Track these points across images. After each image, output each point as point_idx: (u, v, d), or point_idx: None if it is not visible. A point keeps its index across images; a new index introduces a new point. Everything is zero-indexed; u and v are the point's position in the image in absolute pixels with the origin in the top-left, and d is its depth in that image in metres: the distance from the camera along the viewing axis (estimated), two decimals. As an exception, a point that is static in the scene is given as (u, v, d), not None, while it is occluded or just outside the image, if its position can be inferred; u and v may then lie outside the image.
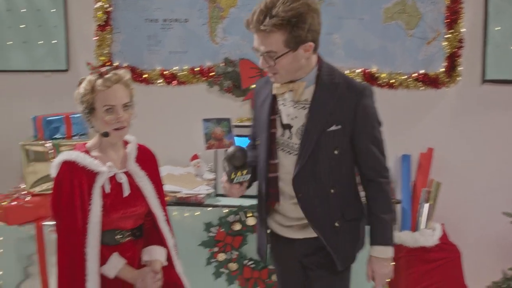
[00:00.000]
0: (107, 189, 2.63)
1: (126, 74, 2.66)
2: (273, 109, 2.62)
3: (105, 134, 2.63)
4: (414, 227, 4.10)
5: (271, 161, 2.61)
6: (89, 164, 2.60)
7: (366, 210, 2.65)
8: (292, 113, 2.58)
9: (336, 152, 2.53)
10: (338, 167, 2.56)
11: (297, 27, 2.36)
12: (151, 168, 2.84)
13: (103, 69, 2.60)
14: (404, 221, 4.11)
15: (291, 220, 2.67)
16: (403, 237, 3.96)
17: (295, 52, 2.43)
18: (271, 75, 2.54)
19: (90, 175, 2.59)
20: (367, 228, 2.68)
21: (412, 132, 4.31)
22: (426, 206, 4.11)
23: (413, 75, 4.18)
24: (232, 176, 2.62)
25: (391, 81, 4.19)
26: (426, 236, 3.99)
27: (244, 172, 2.63)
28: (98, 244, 2.57)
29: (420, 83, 4.19)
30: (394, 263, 2.65)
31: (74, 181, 2.56)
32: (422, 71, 4.19)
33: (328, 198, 2.57)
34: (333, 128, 2.51)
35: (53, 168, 2.64)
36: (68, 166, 2.58)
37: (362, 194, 2.68)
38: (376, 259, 2.59)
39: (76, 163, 2.58)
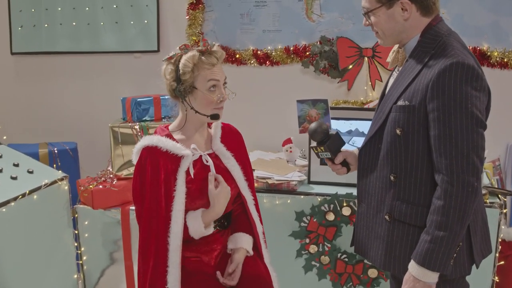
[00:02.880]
0: (192, 173, 2.47)
1: (223, 51, 2.55)
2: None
3: (216, 117, 2.50)
4: (525, 223, 3.80)
5: None
6: (171, 148, 2.45)
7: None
8: (391, 82, 2.38)
9: (398, 132, 2.20)
10: (400, 152, 2.22)
11: None
12: (238, 148, 2.70)
13: (202, 46, 2.46)
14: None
15: None
16: (512, 233, 3.63)
17: (390, 9, 2.23)
18: (376, 35, 2.36)
19: (174, 160, 2.45)
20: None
21: (525, 118, 3.98)
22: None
23: (530, 53, 3.85)
24: (314, 151, 2.56)
25: (504, 60, 3.86)
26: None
27: (322, 149, 2.51)
28: (181, 233, 2.42)
29: (537, 62, 3.86)
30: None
31: (157, 167, 2.43)
32: (539, 49, 3.85)
33: (386, 184, 2.28)
34: (400, 103, 2.21)
35: (134, 154, 2.52)
36: (150, 152, 2.44)
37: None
38: (408, 272, 2.19)
39: (158, 148, 2.44)
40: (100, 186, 3.71)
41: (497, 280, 3.29)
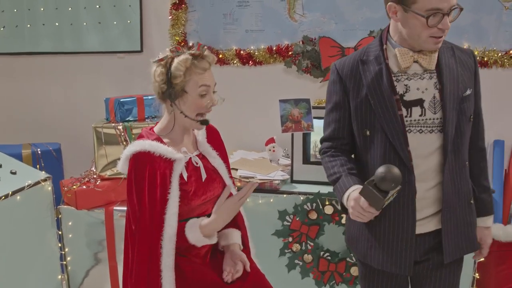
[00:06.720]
0: (185, 176, 2.45)
1: (214, 55, 2.53)
2: (393, 88, 2.31)
3: (206, 122, 2.49)
4: (506, 220, 3.76)
5: (408, 148, 2.28)
6: (164, 152, 2.41)
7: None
8: (424, 85, 2.31)
9: (471, 118, 2.40)
10: (469, 136, 2.43)
11: None
12: (219, 146, 2.69)
13: (196, 50, 2.42)
14: (495, 213, 3.71)
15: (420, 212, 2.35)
16: (493, 230, 3.52)
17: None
18: (440, 39, 2.28)
19: (167, 164, 2.41)
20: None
21: (506, 116, 3.96)
22: (521, 197, 3.74)
23: (510, 52, 3.84)
24: (386, 202, 2.17)
25: (484, 59, 3.87)
26: (520, 230, 3.60)
27: (395, 191, 2.17)
28: (174, 236, 2.40)
29: (517, 61, 3.86)
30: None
31: (153, 171, 2.39)
32: (519, 48, 3.85)
33: (464, 171, 2.40)
34: (468, 92, 2.35)
35: (122, 160, 2.45)
36: (144, 157, 2.39)
37: None
38: (487, 229, 2.53)
39: (151, 153, 2.39)
40: (84, 187, 3.69)
41: (478, 277, 3.29)
